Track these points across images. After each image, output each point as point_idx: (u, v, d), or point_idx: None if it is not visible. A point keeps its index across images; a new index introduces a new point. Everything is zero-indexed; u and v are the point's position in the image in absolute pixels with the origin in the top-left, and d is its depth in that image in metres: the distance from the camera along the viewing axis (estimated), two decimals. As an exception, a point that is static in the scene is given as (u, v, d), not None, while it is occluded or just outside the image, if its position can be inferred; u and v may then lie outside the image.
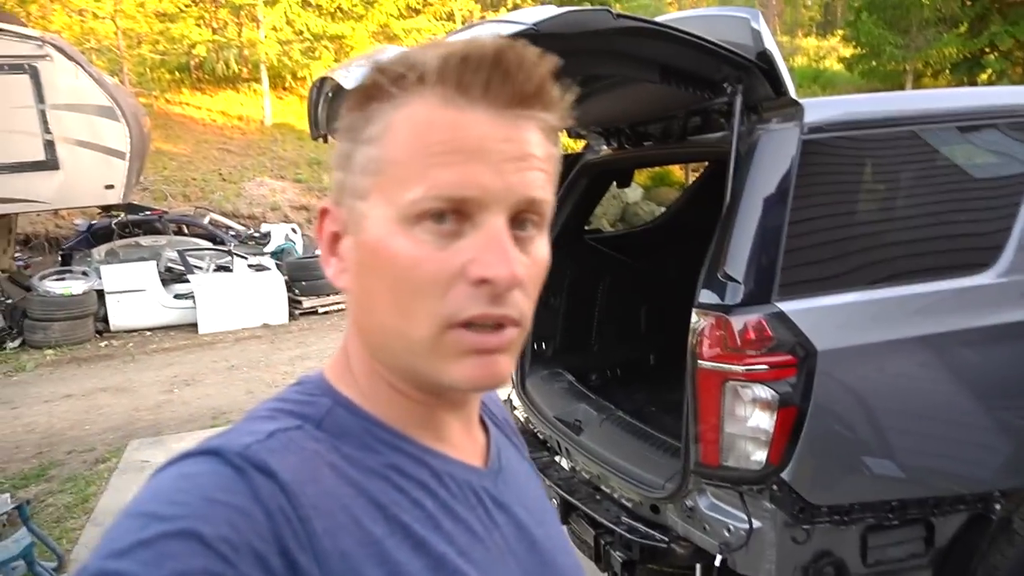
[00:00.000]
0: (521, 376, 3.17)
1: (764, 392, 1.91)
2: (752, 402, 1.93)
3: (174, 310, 9.72)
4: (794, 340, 1.93)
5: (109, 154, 8.33)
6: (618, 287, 3.58)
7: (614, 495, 2.51)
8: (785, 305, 1.95)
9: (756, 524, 1.96)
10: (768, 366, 1.92)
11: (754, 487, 1.97)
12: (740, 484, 1.99)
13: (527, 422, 3.10)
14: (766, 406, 1.92)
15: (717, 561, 2.03)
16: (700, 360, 2.00)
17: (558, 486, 2.64)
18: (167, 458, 0.53)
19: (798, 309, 1.96)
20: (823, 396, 1.94)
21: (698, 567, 2.13)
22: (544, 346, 3.29)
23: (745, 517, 1.98)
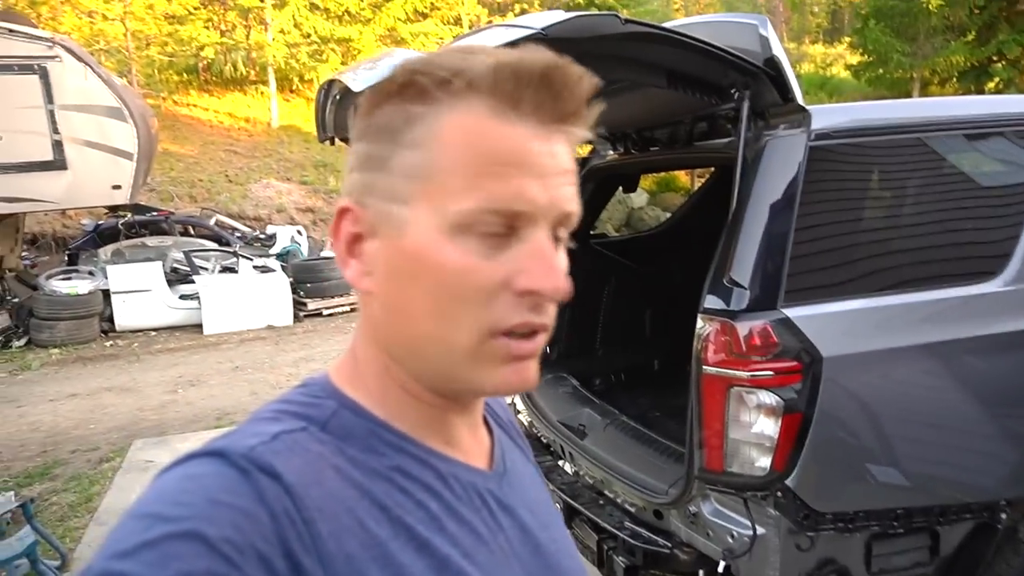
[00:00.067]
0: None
1: (769, 398, 1.91)
2: (757, 408, 1.92)
3: (179, 311, 9.76)
4: (799, 346, 1.92)
5: (117, 155, 8.39)
6: (623, 292, 3.58)
7: (617, 500, 2.50)
8: (791, 311, 1.95)
9: (760, 531, 1.95)
10: (773, 372, 1.91)
11: (758, 493, 1.96)
12: (744, 490, 1.98)
13: (531, 426, 3.10)
14: (771, 412, 1.91)
15: (720, 567, 2.02)
16: (705, 365, 1.99)
17: (561, 490, 2.63)
18: (171, 458, 0.53)
19: (804, 315, 1.95)
20: (828, 403, 1.93)
21: (701, 573, 2.12)
22: (548, 350, 3.29)
23: (749, 523, 1.97)
